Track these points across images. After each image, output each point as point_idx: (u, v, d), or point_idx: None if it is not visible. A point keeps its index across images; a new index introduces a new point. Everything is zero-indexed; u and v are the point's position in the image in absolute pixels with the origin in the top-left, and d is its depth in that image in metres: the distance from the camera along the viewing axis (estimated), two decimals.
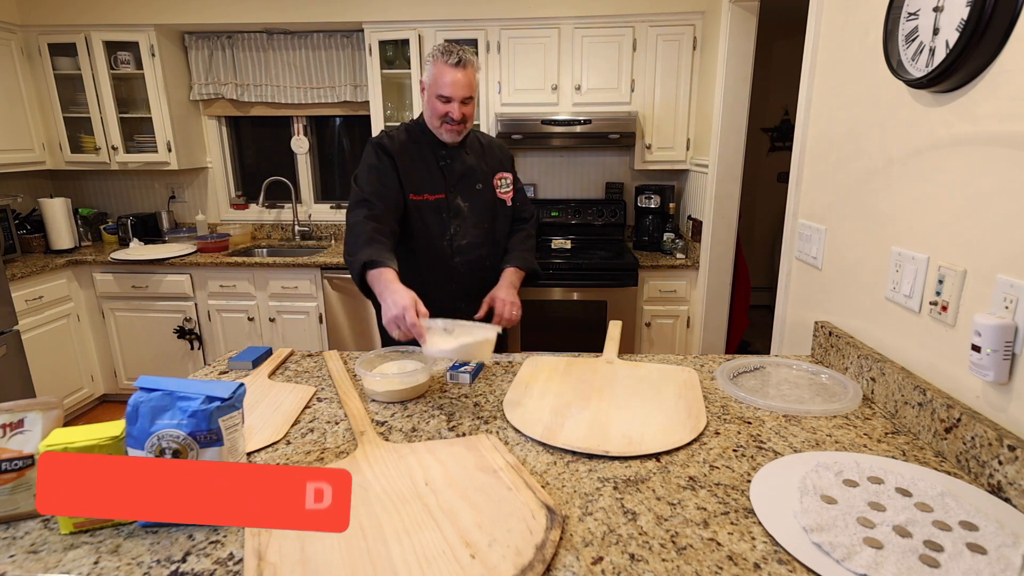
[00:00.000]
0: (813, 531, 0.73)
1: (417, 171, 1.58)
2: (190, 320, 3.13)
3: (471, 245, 1.63)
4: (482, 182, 1.64)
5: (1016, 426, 0.85)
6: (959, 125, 0.98)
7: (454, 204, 1.61)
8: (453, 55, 1.48)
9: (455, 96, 1.49)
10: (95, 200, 3.68)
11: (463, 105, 1.51)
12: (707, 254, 2.87)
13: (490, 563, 0.68)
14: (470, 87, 1.50)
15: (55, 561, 0.71)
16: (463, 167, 1.62)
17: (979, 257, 0.93)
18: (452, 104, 1.50)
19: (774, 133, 4.37)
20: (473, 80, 1.52)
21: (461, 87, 1.48)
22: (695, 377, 1.25)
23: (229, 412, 0.76)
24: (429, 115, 1.56)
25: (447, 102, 1.50)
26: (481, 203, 1.64)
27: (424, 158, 1.59)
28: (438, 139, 1.59)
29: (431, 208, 1.59)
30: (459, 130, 1.55)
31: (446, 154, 1.61)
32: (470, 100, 1.53)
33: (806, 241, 1.54)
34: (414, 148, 1.60)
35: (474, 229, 1.63)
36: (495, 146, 1.73)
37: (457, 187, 1.61)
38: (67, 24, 3.11)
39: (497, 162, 1.70)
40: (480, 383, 1.26)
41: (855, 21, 1.31)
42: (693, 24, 2.92)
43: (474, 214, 1.63)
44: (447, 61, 1.48)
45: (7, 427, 0.78)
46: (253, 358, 1.35)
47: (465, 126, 1.56)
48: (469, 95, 1.51)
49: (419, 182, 1.57)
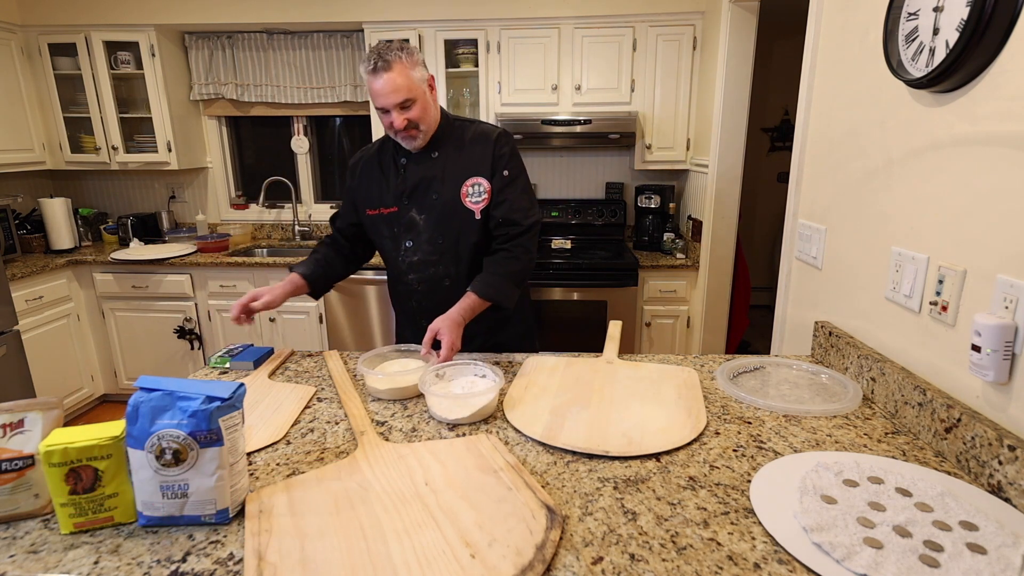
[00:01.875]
0: (813, 531, 0.73)
1: (375, 184, 1.49)
2: (190, 320, 3.13)
3: (424, 262, 1.46)
4: (440, 191, 1.43)
5: (1016, 426, 0.85)
6: (959, 125, 0.98)
7: (407, 217, 1.46)
8: (370, 61, 1.31)
9: (388, 105, 1.32)
10: (95, 200, 3.68)
11: (403, 111, 1.34)
12: (707, 254, 2.87)
13: (490, 563, 0.68)
14: (403, 89, 1.31)
15: (55, 561, 0.71)
16: (419, 175, 1.44)
17: (979, 257, 0.93)
18: (391, 114, 1.34)
19: (774, 133, 4.37)
20: (405, 80, 1.31)
21: (389, 93, 1.31)
22: (695, 377, 1.25)
23: (229, 412, 0.76)
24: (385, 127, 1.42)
25: (386, 113, 1.35)
26: (438, 215, 1.44)
27: (387, 169, 1.49)
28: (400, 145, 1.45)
29: (385, 222, 1.48)
30: (413, 135, 1.38)
31: (405, 162, 1.46)
32: (410, 103, 1.33)
33: (806, 241, 1.54)
34: (379, 160, 1.50)
35: (428, 244, 1.45)
36: (480, 143, 1.45)
37: (411, 198, 1.45)
38: (67, 24, 3.11)
39: (473, 165, 1.44)
40: None
41: (855, 21, 1.31)
42: (693, 24, 2.91)
43: (429, 227, 1.45)
44: (367, 69, 1.32)
45: (7, 427, 0.78)
46: (254, 358, 1.35)
47: (419, 131, 1.38)
48: (404, 99, 1.32)
49: (375, 196, 1.49)
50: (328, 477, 0.86)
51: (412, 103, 1.34)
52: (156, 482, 0.74)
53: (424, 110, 1.37)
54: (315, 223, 3.66)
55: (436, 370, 1.17)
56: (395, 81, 1.30)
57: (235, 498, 0.78)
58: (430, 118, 1.40)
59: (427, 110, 1.38)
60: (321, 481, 0.85)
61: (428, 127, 1.40)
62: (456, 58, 3.11)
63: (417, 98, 1.35)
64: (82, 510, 0.75)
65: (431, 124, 1.41)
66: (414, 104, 1.35)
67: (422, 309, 1.52)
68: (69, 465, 0.73)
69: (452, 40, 3.03)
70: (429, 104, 1.40)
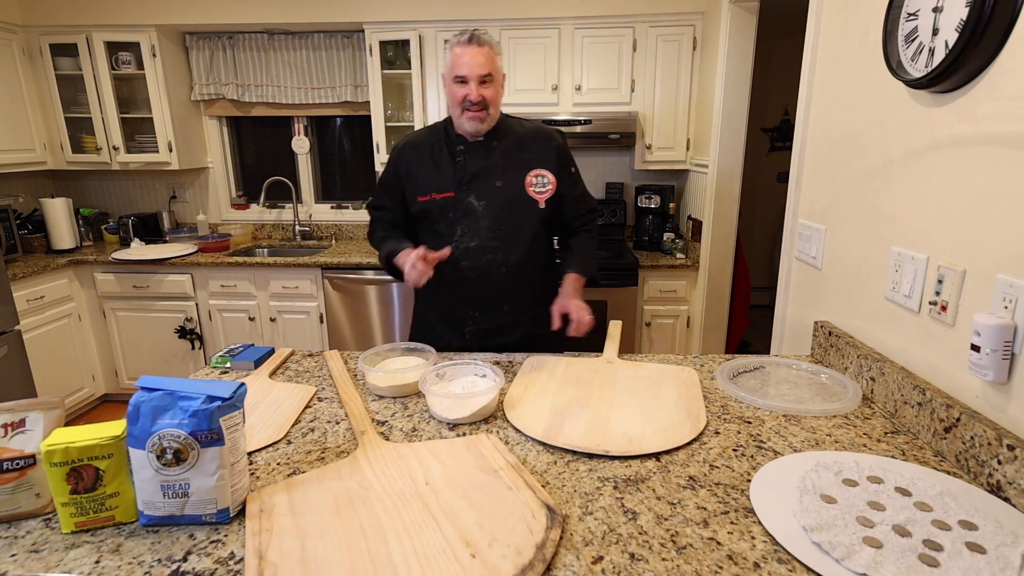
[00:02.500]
0: (813, 530, 0.73)
1: (426, 171, 1.51)
2: (191, 320, 3.14)
3: (481, 248, 1.48)
4: (504, 179, 1.49)
5: (1015, 426, 0.85)
6: (959, 125, 0.98)
7: (464, 203, 1.48)
8: (465, 34, 1.41)
9: (470, 75, 1.38)
10: (96, 200, 3.69)
11: (482, 86, 1.40)
12: (707, 254, 2.87)
13: (490, 562, 0.68)
14: (488, 65, 1.39)
15: (56, 560, 0.71)
16: (480, 163, 1.49)
17: (979, 257, 0.93)
18: (469, 85, 1.39)
19: (774, 133, 4.37)
20: (492, 59, 1.41)
21: (476, 65, 1.38)
22: (695, 377, 1.25)
23: (230, 412, 0.76)
24: (450, 106, 1.48)
25: (463, 84, 1.40)
26: (500, 202, 1.48)
27: (438, 157, 1.51)
28: (458, 135, 1.50)
29: (438, 208, 1.49)
30: (481, 117, 1.42)
31: (463, 150, 1.49)
32: (490, 80, 1.41)
33: (806, 241, 1.54)
34: (429, 147, 1.53)
35: (487, 231, 1.48)
36: (540, 139, 1.55)
37: (471, 184, 1.48)
38: (68, 24, 3.11)
39: (536, 157, 1.52)
40: None
41: (855, 21, 1.32)
42: (693, 24, 2.92)
43: (489, 214, 1.48)
44: (459, 41, 1.41)
45: (9, 427, 0.79)
46: (255, 358, 1.35)
47: (488, 112, 1.43)
48: (487, 73, 1.39)
49: (427, 182, 1.50)
50: (329, 477, 0.87)
51: (491, 81, 1.42)
52: (157, 481, 0.74)
53: (497, 95, 1.45)
54: (315, 223, 3.67)
55: (436, 370, 1.18)
56: (487, 55, 1.40)
57: (236, 498, 0.79)
58: (498, 106, 1.47)
59: (498, 97, 1.46)
60: (322, 481, 0.86)
61: (494, 113, 1.47)
62: None
63: (496, 79, 1.43)
64: (83, 509, 0.75)
65: (496, 112, 1.48)
66: (491, 83, 1.42)
67: (474, 297, 1.51)
68: (70, 465, 0.73)
69: None
70: (501, 92, 1.48)
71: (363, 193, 3.70)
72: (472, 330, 1.53)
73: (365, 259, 3.01)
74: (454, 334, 1.55)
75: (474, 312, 1.52)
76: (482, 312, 1.52)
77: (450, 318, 1.56)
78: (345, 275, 3.01)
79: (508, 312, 1.53)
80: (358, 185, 3.73)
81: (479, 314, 1.52)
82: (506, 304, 1.53)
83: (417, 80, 3.06)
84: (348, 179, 3.75)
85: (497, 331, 1.54)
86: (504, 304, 1.53)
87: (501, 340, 1.54)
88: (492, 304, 1.52)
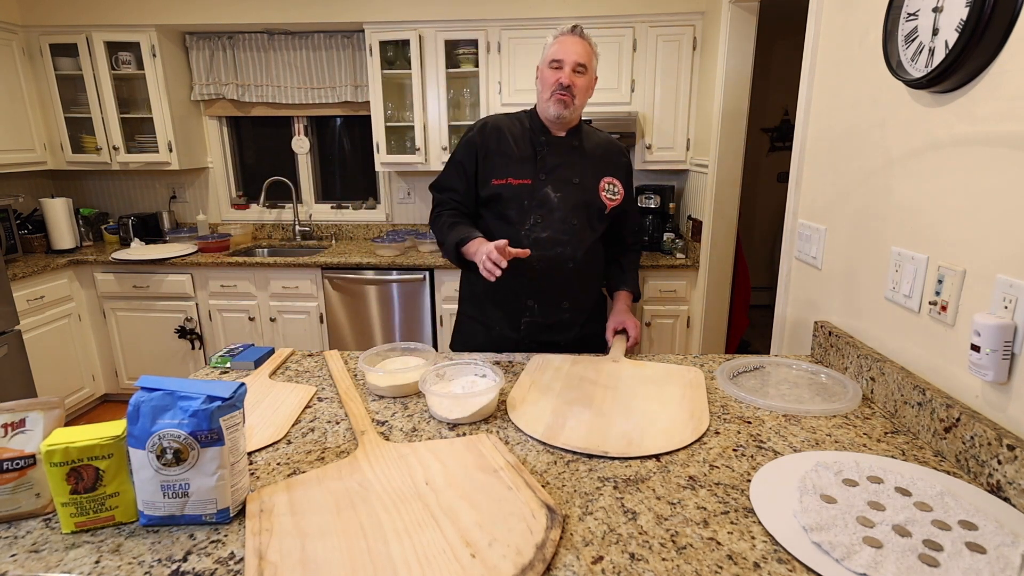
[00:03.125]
0: (813, 530, 0.73)
1: (505, 154, 1.51)
2: (191, 320, 3.14)
3: (552, 240, 1.47)
4: (582, 177, 1.51)
5: (1015, 426, 0.85)
6: (959, 125, 0.98)
7: (541, 192, 1.48)
8: (571, 27, 1.46)
9: (566, 59, 1.42)
10: (96, 200, 3.69)
11: (575, 74, 1.43)
12: (707, 254, 2.87)
13: (490, 562, 0.68)
14: (585, 56, 1.44)
15: (56, 560, 0.71)
16: (561, 157, 1.51)
17: (979, 257, 0.93)
18: (563, 70, 1.43)
19: (774, 133, 4.37)
20: (590, 53, 1.45)
21: (574, 52, 1.42)
22: (700, 377, 1.25)
23: (230, 412, 0.76)
24: (540, 91, 1.49)
25: (558, 67, 1.43)
26: (576, 198, 1.49)
27: (519, 142, 1.52)
28: (542, 127, 1.52)
29: (513, 193, 1.48)
30: (567, 101, 1.44)
31: (545, 141, 1.51)
32: (583, 70, 1.44)
33: (806, 241, 1.54)
34: (511, 131, 1.54)
35: (560, 223, 1.48)
36: (614, 150, 1.60)
37: (550, 175, 1.49)
38: (68, 24, 3.11)
39: (610, 164, 1.56)
40: None
41: (855, 21, 1.32)
42: (693, 24, 2.92)
43: (564, 207, 1.48)
44: (563, 31, 1.46)
45: (9, 427, 0.79)
46: (255, 358, 1.35)
47: (575, 100, 1.45)
48: (583, 63, 1.43)
49: (504, 166, 1.50)
50: (329, 476, 0.87)
51: (584, 72, 1.45)
52: (157, 481, 0.74)
53: (586, 88, 1.48)
54: (315, 223, 3.67)
55: (436, 370, 1.18)
56: (586, 48, 1.45)
57: (236, 497, 0.79)
58: (584, 98, 1.49)
59: (587, 91, 1.49)
60: (322, 480, 0.86)
61: (580, 104, 1.48)
62: (456, 58, 3.11)
63: (589, 71, 1.47)
64: (83, 509, 0.75)
65: (581, 104, 1.50)
66: (584, 74, 1.45)
67: (534, 288, 1.50)
68: (70, 464, 0.73)
69: (452, 40, 3.04)
70: (590, 89, 1.50)
71: (363, 193, 3.70)
72: (528, 322, 1.52)
73: (365, 259, 3.01)
74: (509, 326, 1.54)
75: (533, 304, 1.51)
76: (541, 305, 1.51)
77: (507, 309, 1.54)
78: (345, 275, 3.01)
79: (567, 309, 1.53)
80: (358, 185, 3.73)
81: (538, 307, 1.51)
82: (566, 300, 1.52)
83: (417, 80, 3.06)
84: (348, 179, 3.75)
85: (553, 327, 1.53)
86: (564, 300, 1.52)
87: (554, 338, 1.54)
88: (552, 298, 1.51)
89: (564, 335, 1.54)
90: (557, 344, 1.53)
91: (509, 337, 1.54)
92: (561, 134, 1.53)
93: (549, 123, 1.51)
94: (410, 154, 3.18)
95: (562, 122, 1.50)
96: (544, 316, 1.52)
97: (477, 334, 1.59)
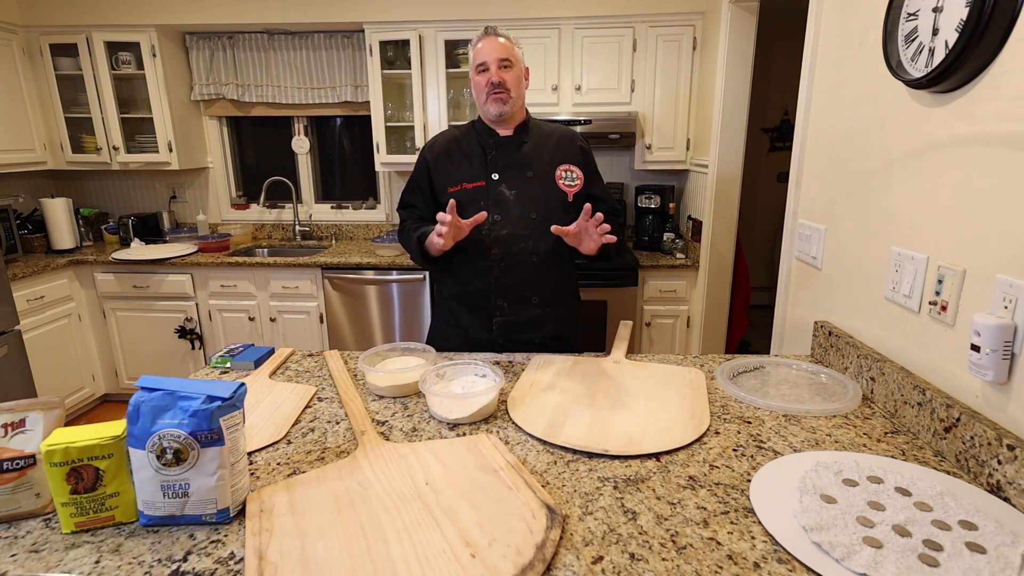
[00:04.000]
0: (813, 530, 0.73)
1: (456, 162, 1.55)
2: (191, 320, 3.14)
3: (513, 236, 1.50)
4: (535, 170, 1.53)
5: (1015, 426, 0.85)
6: (958, 125, 0.98)
7: (496, 192, 1.51)
8: (482, 31, 1.50)
9: (489, 59, 1.46)
10: (96, 200, 3.69)
11: (501, 69, 1.46)
12: (707, 254, 2.87)
13: (490, 562, 0.68)
14: (506, 51, 1.47)
15: (56, 560, 0.71)
16: (511, 154, 1.54)
17: (978, 257, 0.93)
18: (489, 70, 1.46)
19: (774, 133, 4.37)
20: (510, 47, 1.49)
21: (494, 51, 1.46)
22: (701, 378, 1.25)
23: (230, 412, 0.76)
24: (477, 97, 1.53)
25: (484, 70, 1.47)
26: (532, 192, 1.52)
27: (468, 149, 1.56)
28: (489, 130, 1.55)
29: (469, 197, 1.51)
30: (503, 98, 1.47)
31: (494, 143, 1.54)
32: (508, 64, 1.48)
33: (806, 241, 1.54)
34: (458, 141, 1.58)
35: (519, 219, 1.50)
36: (566, 138, 1.61)
37: (502, 174, 1.52)
38: (68, 24, 3.11)
39: (563, 152, 1.57)
40: None
41: (855, 21, 1.32)
42: (693, 24, 2.92)
43: (521, 203, 1.51)
44: (479, 36, 1.50)
45: (9, 427, 0.79)
46: (255, 358, 1.35)
47: (510, 94, 1.48)
48: (505, 57, 1.46)
49: (457, 173, 1.53)
50: (329, 476, 0.87)
51: (511, 65, 1.48)
52: (157, 481, 0.74)
53: (518, 81, 1.51)
54: (315, 223, 3.67)
55: (436, 370, 1.18)
56: (503, 43, 1.48)
57: (236, 497, 0.79)
58: (520, 92, 1.52)
59: (519, 83, 1.52)
60: (322, 480, 0.86)
61: (517, 97, 1.51)
62: (456, 58, 3.11)
63: (515, 64, 1.50)
64: (83, 509, 0.75)
65: (519, 97, 1.52)
66: (511, 68, 1.49)
67: (500, 287, 1.53)
68: (70, 464, 0.73)
69: (452, 40, 3.04)
70: (522, 81, 1.53)
71: (363, 193, 3.70)
72: (500, 322, 1.53)
73: (365, 259, 3.01)
74: (481, 327, 1.55)
75: (502, 303, 1.53)
76: (510, 303, 1.53)
77: (477, 310, 1.56)
78: (345, 275, 3.01)
79: (537, 304, 1.54)
80: (358, 185, 3.73)
81: (507, 305, 1.53)
82: (535, 295, 1.53)
83: (417, 80, 3.06)
84: (348, 179, 3.75)
85: (525, 324, 1.54)
86: (533, 295, 1.53)
87: (529, 336, 1.55)
88: (521, 294, 1.53)
89: (538, 332, 1.55)
90: (532, 342, 1.54)
91: (483, 339, 1.55)
92: (508, 132, 1.55)
93: (494, 124, 1.55)
94: (410, 154, 3.18)
95: (505, 119, 1.52)
96: (515, 314, 1.53)
97: (452, 338, 1.60)
